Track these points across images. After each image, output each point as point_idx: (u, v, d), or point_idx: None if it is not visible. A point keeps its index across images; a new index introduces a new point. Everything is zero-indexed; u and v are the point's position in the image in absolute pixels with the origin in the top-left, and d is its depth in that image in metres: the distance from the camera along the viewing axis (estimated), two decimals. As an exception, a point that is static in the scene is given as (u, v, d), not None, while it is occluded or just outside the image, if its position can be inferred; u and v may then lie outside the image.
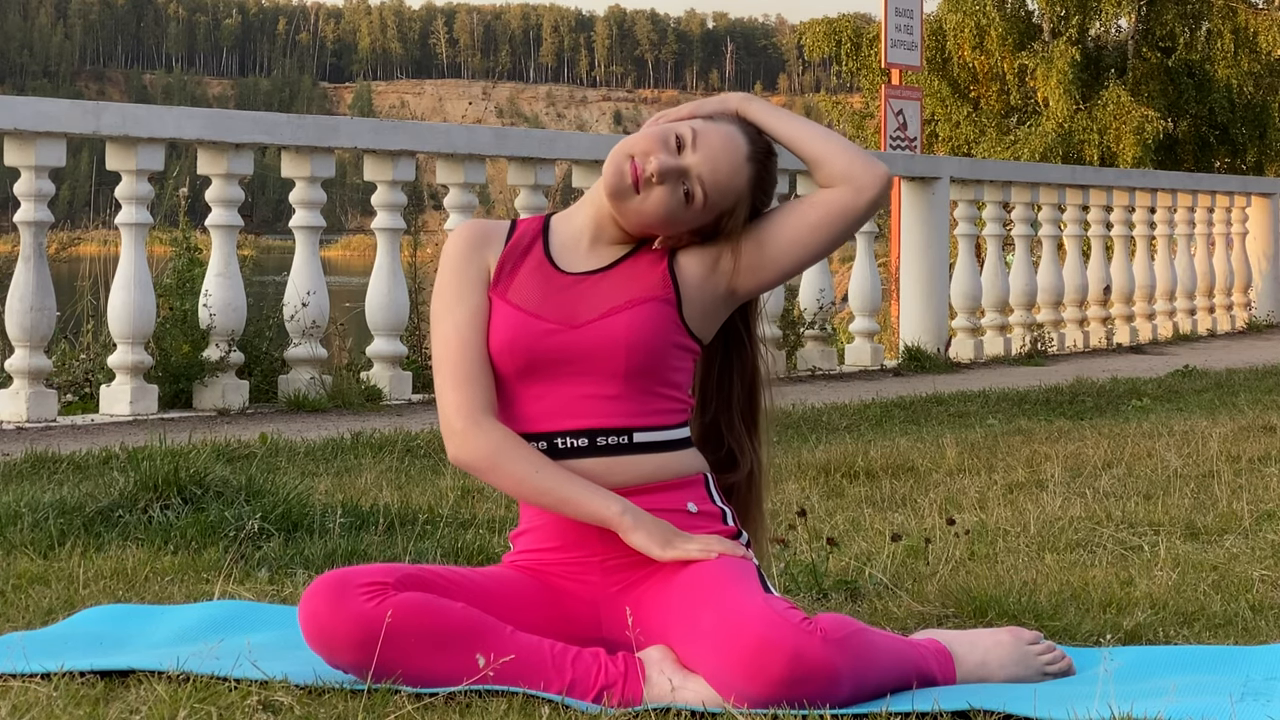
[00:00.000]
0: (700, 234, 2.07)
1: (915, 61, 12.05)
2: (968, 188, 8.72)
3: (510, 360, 2.04)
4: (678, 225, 2.04)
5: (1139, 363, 8.43)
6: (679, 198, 2.02)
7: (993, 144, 21.53)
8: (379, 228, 6.27)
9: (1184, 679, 1.99)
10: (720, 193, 2.03)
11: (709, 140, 2.04)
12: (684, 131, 2.04)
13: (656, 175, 2.01)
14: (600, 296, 2.04)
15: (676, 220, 2.04)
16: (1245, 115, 21.76)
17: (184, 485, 3.11)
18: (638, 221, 2.04)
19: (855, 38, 22.12)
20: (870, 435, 4.91)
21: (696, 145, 2.03)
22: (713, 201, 2.04)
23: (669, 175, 2.01)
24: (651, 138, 2.04)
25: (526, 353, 2.03)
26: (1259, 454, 4.23)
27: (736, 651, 1.84)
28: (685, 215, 2.04)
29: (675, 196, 2.02)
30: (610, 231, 2.08)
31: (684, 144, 2.03)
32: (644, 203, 2.02)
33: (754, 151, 2.07)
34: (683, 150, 2.03)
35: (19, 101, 5.31)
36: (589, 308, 2.03)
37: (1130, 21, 22.23)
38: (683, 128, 2.05)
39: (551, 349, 2.02)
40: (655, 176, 2.01)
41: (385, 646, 1.87)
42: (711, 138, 2.04)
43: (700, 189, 2.03)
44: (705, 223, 2.06)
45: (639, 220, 2.04)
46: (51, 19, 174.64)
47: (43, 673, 1.96)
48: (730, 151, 2.04)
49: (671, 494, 2.04)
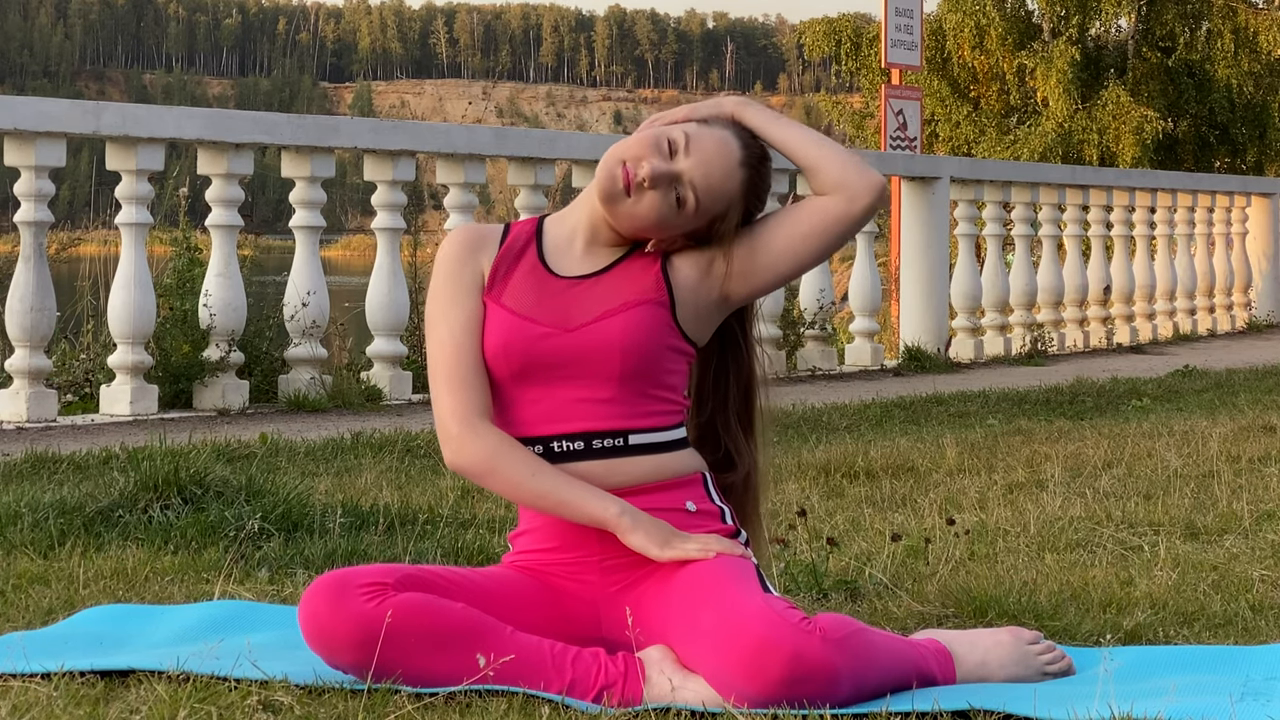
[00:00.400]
0: (694, 237, 2.07)
1: (915, 61, 12.05)
2: (968, 187, 8.72)
3: (505, 364, 2.04)
4: (670, 229, 2.04)
5: (1139, 363, 8.43)
6: (671, 203, 2.02)
7: (993, 144, 21.54)
8: (379, 228, 6.27)
9: (1184, 679, 2.00)
10: (712, 198, 2.03)
11: (702, 145, 2.04)
12: (677, 136, 2.04)
13: (648, 180, 2.00)
14: (594, 300, 2.04)
15: (668, 225, 2.04)
16: (1245, 115, 21.77)
17: (184, 485, 3.12)
18: (630, 225, 2.04)
19: (855, 37, 22.12)
20: (870, 435, 4.92)
21: (689, 150, 2.03)
22: (705, 206, 2.03)
23: (661, 180, 2.01)
24: (644, 142, 2.03)
25: (521, 356, 2.03)
26: (1259, 454, 4.24)
27: (736, 651, 1.84)
28: (677, 220, 2.03)
29: (667, 201, 2.02)
30: (604, 234, 2.08)
31: (676, 149, 2.03)
32: (636, 207, 2.02)
33: (747, 156, 2.06)
34: (675, 155, 2.03)
35: (19, 101, 5.32)
36: (583, 311, 2.04)
37: (1130, 21, 22.24)
38: (675, 132, 2.04)
39: (546, 352, 2.02)
40: (647, 181, 2.01)
41: (385, 647, 1.87)
42: (705, 142, 2.04)
43: (692, 194, 2.02)
44: (698, 227, 2.06)
45: (631, 224, 2.04)
46: (51, 19, 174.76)
47: (43, 673, 1.96)
48: (723, 156, 2.04)
49: (669, 493, 2.04)
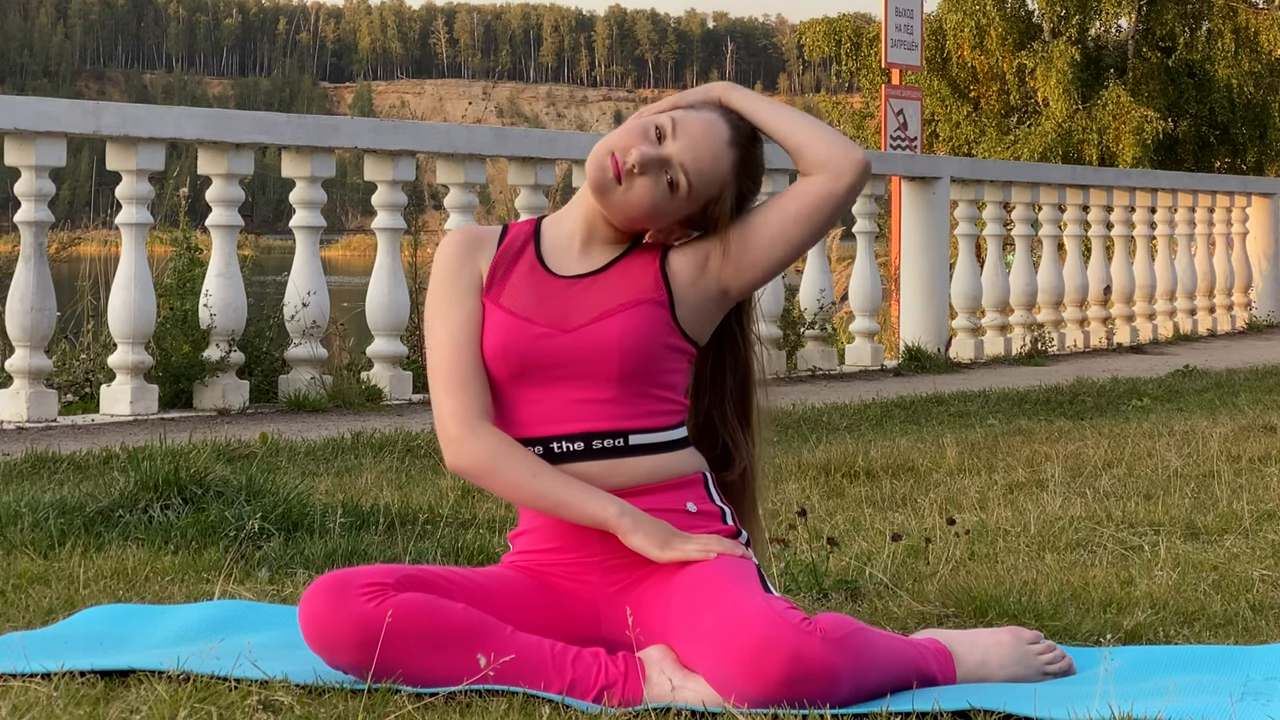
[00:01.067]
0: (690, 224, 2.06)
1: (915, 61, 12.06)
2: (968, 187, 8.73)
3: (504, 365, 2.04)
4: (664, 216, 2.04)
5: (1139, 363, 8.44)
6: (663, 187, 2.01)
7: (993, 144, 21.56)
8: (379, 228, 6.28)
9: (1184, 679, 2.00)
10: (704, 179, 2.02)
11: (689, 128, 2.03)
12: (663, 122, 2.03)
13: (638, 166, 2.00)
14: (593, 299, 2.04)
15: (662, 211, 2.03)
16: (1245, 115, 21.78)
17: (184, 485, 3.12)
18: (624, 215, 2.03)
19: (855, 37, 22.14)
20: (870, 435, 4.92)
21: (676, 134, 2.02)
22: (697, 189, 2.03)
23: (650, 165, 2.00)
24: (631, 131, 2.03)
25: (520, 357, 2.03)
26: (1259, 454, 4.24)
27: (736, 651, 1.84)
28: (670, 205, 2.03)
29: (659, 186, 2.01)
30: (601, 231, 2.07)
31: (664, 134, 2.02)
32: (628, 195, 2.01)
33: (736, 136, 2.05)
34: (663, 140, 2.02)
35: (19, 101, 5.32)
36: (582, 311, 2.03)
37: (1130, 21, 22.25)
38: (662, 119, 2.04)
39: (544, 353, 2.02)
40: (637, 167, 2.00)
41: (385, 647, 1.88)
42: (691, 125, 2.03)
43: (684, 177, 2.02)
44: (692, 212, 2.05)
45: (625, 214, 2.03)
46: (52, 19, 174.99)
47: (43, 672, 1.97)
48: (711, 137, 2.03)
49: (670, 494, 2.04)
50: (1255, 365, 7.94)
